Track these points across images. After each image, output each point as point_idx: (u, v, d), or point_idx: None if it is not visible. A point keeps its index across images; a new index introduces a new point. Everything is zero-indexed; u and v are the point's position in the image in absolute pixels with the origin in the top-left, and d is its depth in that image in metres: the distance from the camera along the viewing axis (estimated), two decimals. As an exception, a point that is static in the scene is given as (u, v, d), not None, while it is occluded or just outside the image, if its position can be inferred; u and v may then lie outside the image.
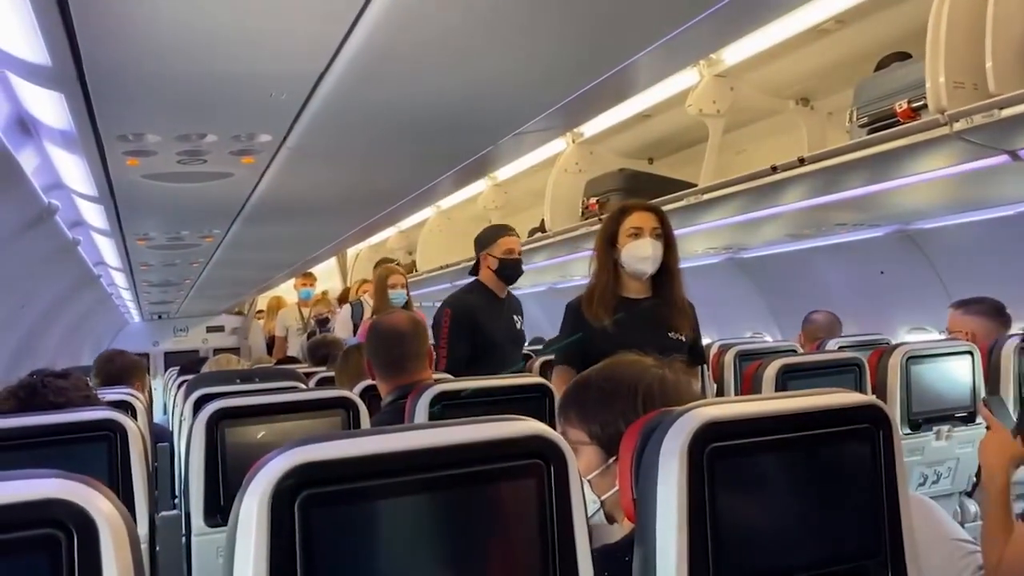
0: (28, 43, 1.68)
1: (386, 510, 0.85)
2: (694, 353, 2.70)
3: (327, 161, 2.89)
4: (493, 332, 3.39)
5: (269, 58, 1.82)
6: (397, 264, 5.31)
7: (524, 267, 3.56)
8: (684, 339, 2.62)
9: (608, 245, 2.65)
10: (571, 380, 2.04)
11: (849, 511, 1.03)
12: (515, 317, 3.53)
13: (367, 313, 5.26)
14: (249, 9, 1.57)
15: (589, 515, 1.17)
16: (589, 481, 1.27)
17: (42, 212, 3.23)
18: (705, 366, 3.39)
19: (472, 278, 3.56)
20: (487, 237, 3.51)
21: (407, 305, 4.62)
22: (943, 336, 3.18)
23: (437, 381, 1.99)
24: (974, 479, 2.60)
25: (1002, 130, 2.26)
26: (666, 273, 2.63)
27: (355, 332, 5.09)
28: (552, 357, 2.98)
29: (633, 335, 2.29)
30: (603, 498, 1.27)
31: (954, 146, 2.42)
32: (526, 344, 3.89)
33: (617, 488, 1.24)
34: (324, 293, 8.28)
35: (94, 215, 3.79)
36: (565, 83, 2.19)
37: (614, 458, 1.25)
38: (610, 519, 1.28)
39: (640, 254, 2.60)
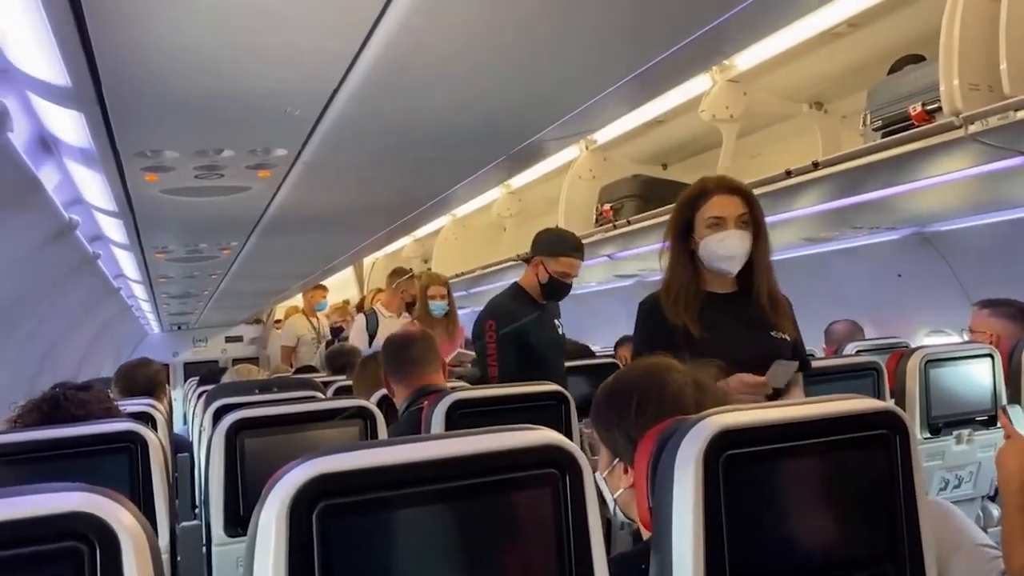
0: (48, 64, 1.71)
1: (403, 520, 0.86)
2: (797, 356, 2.24)
3: (342, 173, 2.91)
4: (539, 341, 3.19)
5: (284, 75, 1.85)
6: (418, 272, 5.15)
7: None
8: (788, 339, 2.19)
9: (681, 238, 2.19)
10: None
11: (866, 518, 1.03)
12: (556, 322, 3.33)
13: (383, 324, 5.08)
14: (263, 27, 1.60)
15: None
16: (605, 479, 1.27)
17: (63, 227, 3.27)
18: None
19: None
20: (551, 245, 3.20)
21: (449, 316, 4.40)
22: (963, 338, 3.15)
23: (453, 389, 2.00)
24: (996, 483, 2.57)
25: (1018, 132, 2.24)
26: (756, 263, 2.17)
27: (370, 342, 5.00)
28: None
29: (729, 338, 2.08)
30: (615, 496, 1.27)
31: (970, 148, 2.40)
32: None
33: (622, 489, 1.24)
34: (346, 302, 8.31)
35: (113, 229, 3.84)
36: (577, 93, 2.20)
37: (617, 459, 1.26)
38: (626, 516, 1.28)
39: (723, 251, 2.13)
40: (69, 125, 2.20)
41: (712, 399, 1.23)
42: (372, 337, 5.01)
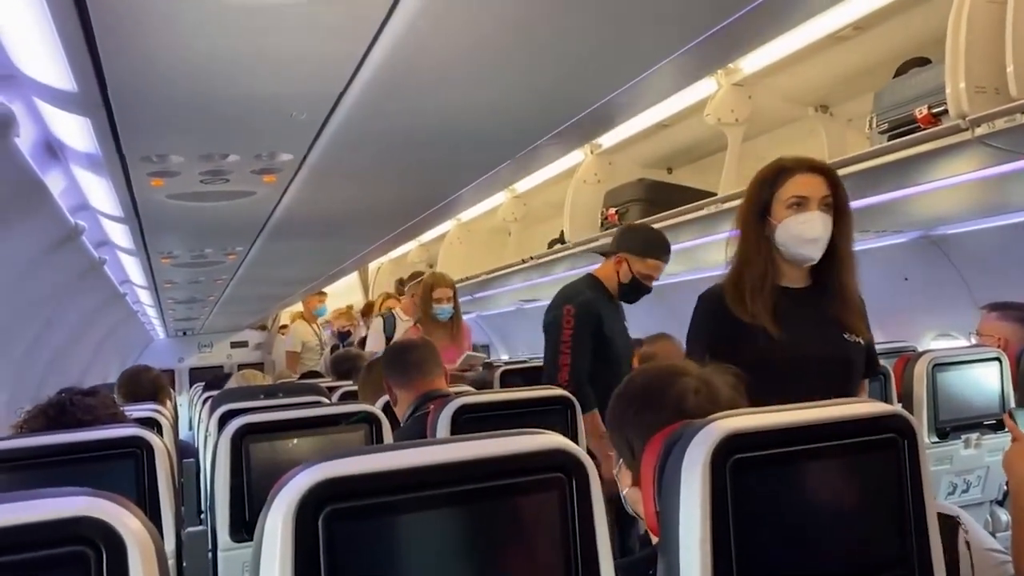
0: (54, 70, 1.72)
1: (409, 525, 0.86)
2: (871, 361, 2.07)
3: (347, 178, 2.92)
4: (615, 339, 2.94)
5: (289, 79, 1.85)
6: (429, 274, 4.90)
7: (544, 278, 3.51)
8: (862, 342, 2.01)
9: (757, 219, 1.98)
10: None
11: (874, 522, 1.02)
12: (625, 323, 3.11)
13: (400, 328, 4.94)
14: (269, 32, 1.60)
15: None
16: (624, 497, 1.25)
17: (69, 233, 3.28)
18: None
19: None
20: (640, 244, 2.99)
21: (453, 320, 4.18)
22: (970, 342, 3.13)
23: (458, 394, 2.00)
24: (1005, 487, 2.56)
25: (1025, 134, 2.23)
26: (834, 255, 1.97)
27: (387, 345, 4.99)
28: None
29: (801, 338, 1.91)
30: (622, 493, 1.24)
31: (976, 151, 2.39)
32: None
33: (627, 489, 1.23)
34: (349, 307, 8.33)
35: (119, 235, 3.85)
36: (582, 98, 2.20)
37: (621, 459, 1.25)
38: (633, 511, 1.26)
39: (806, 234, 1.93)
40: (75, 130, 2.20)
41: (721, 406, 1.20)
42: (389, 340, 4.95)
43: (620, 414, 1.26)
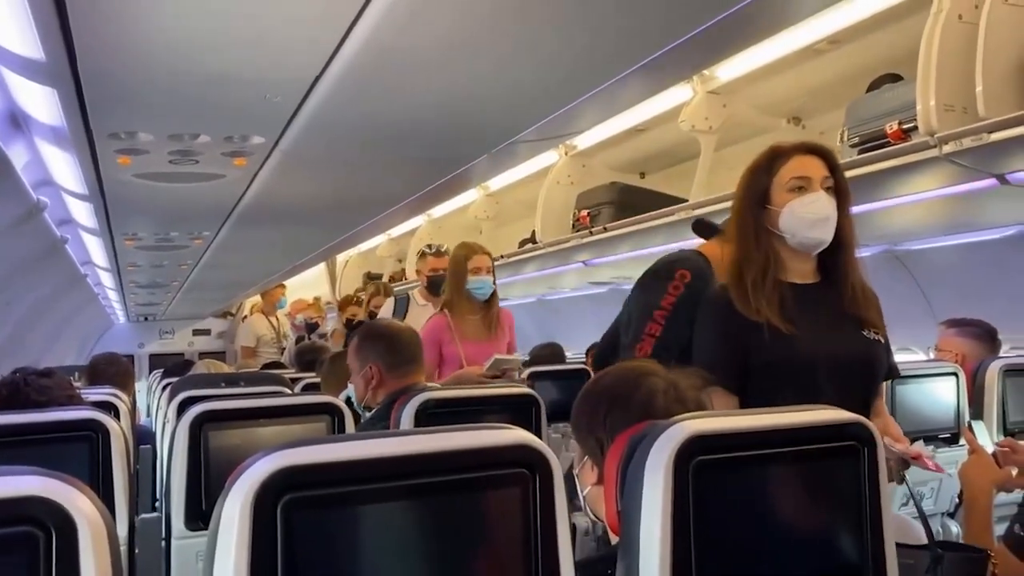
0: (22, 37, 1.68)
1: (369, 516, 0.85)
2: (889, 359, 1.95)
3: (319, 165, 2.89)
4: None
5: (265, 60, 1.83)
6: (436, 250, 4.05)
7: (514, 278, 3.35)
8: (882, 340, 1.88)
9: (756, 207, 1.82)
10: (734, 405, 1.73)
11: (833, 527, 1.03)
12: None
13: (414, 313, 3.98)
14: (246, 11, 1.58)
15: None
16: (584, 497, 1.24)
17: (31, 209, 3.21)
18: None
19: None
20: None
21: (490, 302, 3.40)
22: (929, 356, 3.19)
23: (424, 389, 1.98)
24: (957, 500, 2.61)
25: (991, 154, 2.28)
26: (839, 247, 1.82)
27: None
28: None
29: (816, 336, 1.78)
30: (583, 492, 1.24)
31: (943, 168, 2.44)
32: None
33: (590, 487, 1.23)
34: (317, 299, 8.24)
35: (83, 213, 3.78)
36: (558, 94, 2.20)
37: (587, 457, 1.25)
38: (594, 515, 1.25)
39: (814, 214, 1.77)
40: (41, 102, 2.15)
41: (689, 407, 1.21)
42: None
43: (589, 413, 1.26)
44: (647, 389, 1.23)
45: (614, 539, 1.17)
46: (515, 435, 0.93)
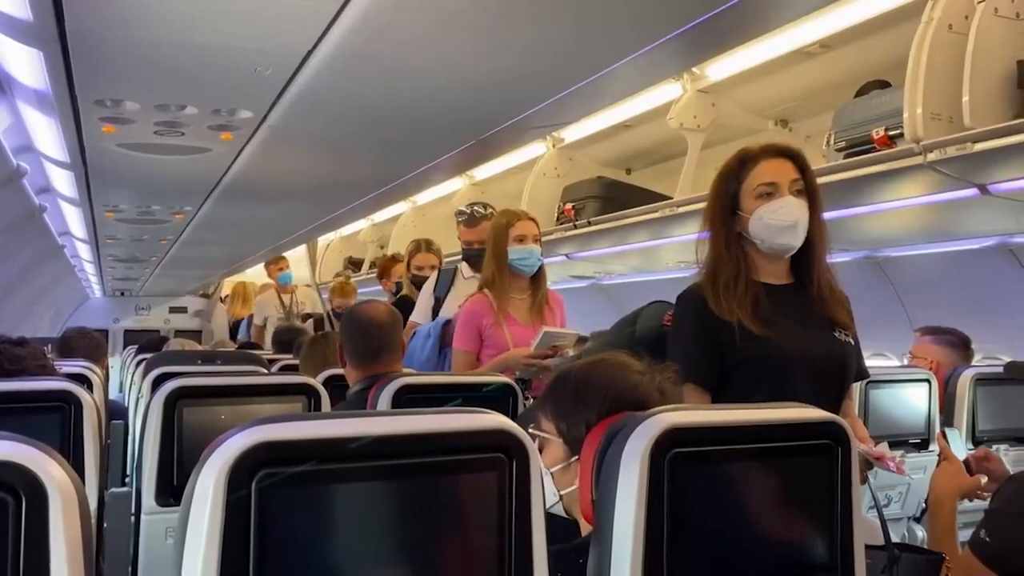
0: (9, -3, 1.64)
1: (344, 494, 0.84)
2: (860, 362, 1.96)
3: (307, 143, 2.86)
4: None
5: (257, 31, 1.80)
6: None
7: None
8: (852, 341, 1.90)
9: (726, 214, 1.86)
10: (706, 402, 1.75)
11: (804, 523, 1.04)
12: None
13: (459, 287, 3.30)
14: (239, -18, 1.56)
15: (548, 506, 1.17)
16: (551, 474, 1.26)
17: (10, 174, 3.16)
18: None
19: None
20: None
21: (539, 274, 2.92)
22: (903, 362, 3.23)
23: (403, 375, 1.98)
24: (924, 505, 2.64)
25: (974, 163, 2.30)
26: (808, 248, 1.84)
27: (437, 308, 3.34)
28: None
29: (788, 336, 1.79)
30: (562, 493, 1.26)
31: (926, 176, 2.46)
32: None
33: (575, 486, 1.24)
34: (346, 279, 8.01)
35: (63, 182, 3.72)
36: (549, 83, 2.20)
37: (576, 457, 1.25)
38: (567, 514, 1.28)
39: (781, 219, 1.80)
40: (25, 63, 2.10)
41: (668, 400, 1.23)
42: (440, 301, 3.35)
43: (566, 402, 1.27)
44: (631, 382, 1.24)
45: (586, 529, 1.17)
46: (493, 419, 0.93)
